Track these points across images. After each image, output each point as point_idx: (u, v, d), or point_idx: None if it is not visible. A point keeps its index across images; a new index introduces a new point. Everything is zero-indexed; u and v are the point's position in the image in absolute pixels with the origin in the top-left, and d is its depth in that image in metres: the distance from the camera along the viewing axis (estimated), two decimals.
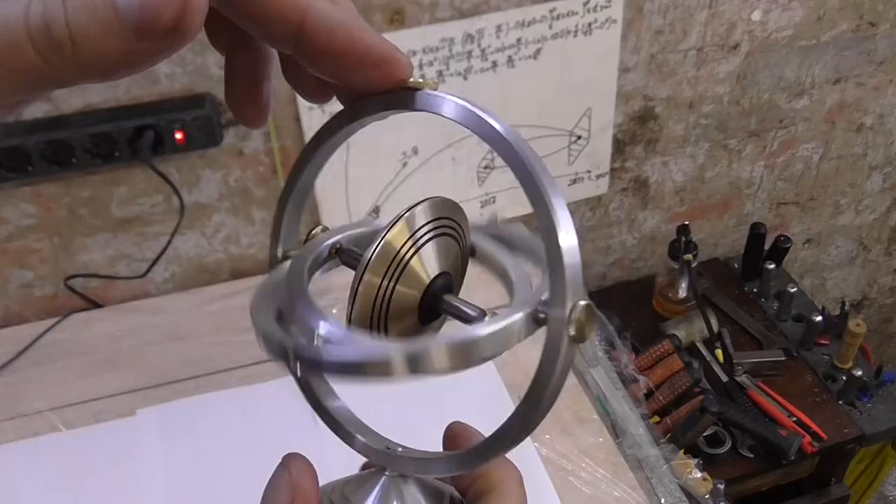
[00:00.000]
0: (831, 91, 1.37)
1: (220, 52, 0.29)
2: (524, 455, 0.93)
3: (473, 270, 0.33)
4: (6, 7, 0.20)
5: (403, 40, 1.04)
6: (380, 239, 0.28)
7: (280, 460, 0.30)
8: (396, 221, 0.29)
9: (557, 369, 0.25)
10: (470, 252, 0.33)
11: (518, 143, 0.26)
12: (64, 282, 1.11)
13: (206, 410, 0.98)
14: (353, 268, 0.30)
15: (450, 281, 0.31)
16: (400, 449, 0.31)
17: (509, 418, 0.27)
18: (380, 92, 0.27)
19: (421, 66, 1.07)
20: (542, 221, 0.25)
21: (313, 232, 0.33)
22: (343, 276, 0.32)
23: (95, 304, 1.15)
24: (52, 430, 0.96)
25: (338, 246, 0.32)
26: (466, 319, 0.29)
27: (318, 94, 0.29)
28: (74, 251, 1.11)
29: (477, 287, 0.36)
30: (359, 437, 0.31)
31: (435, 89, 0.27)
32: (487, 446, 0.28)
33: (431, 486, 0.32)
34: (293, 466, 0.29)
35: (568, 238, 0.25)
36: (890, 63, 1.37)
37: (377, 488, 0.30)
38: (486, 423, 0.29)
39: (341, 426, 0.32)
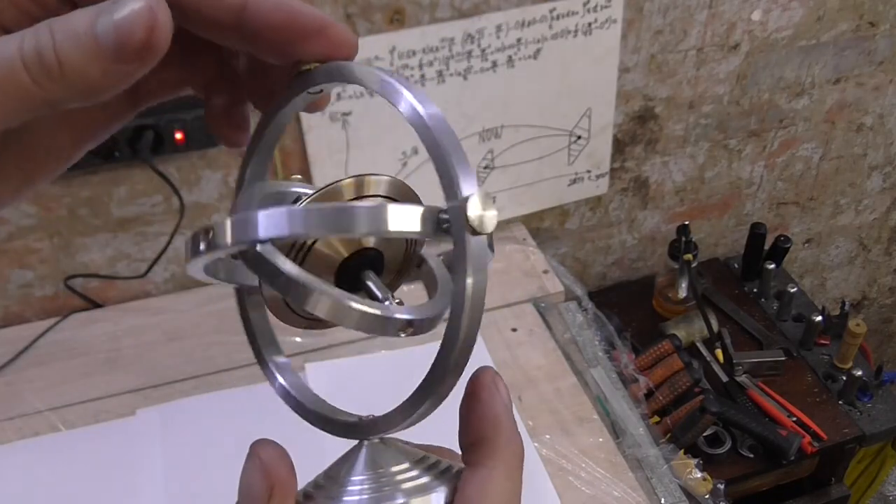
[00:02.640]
0: (831, 91, 1.37)
1: (198, 94, 0.33)
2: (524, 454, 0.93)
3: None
4: (1, 44, 0.23)
5: (403, 40, 1.04)
6: (332, 182, 0.28)
7: (248, 450, 0.28)
8: (356, 176, 0.28)
9: (469, 270, 0.24)
10: (417, 264, 0.32)
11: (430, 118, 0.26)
12: (64, 282, 1.11)
13: (206, 410, 0.98)
14: None
15: (381, 260, 0.30)
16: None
17: (438, 352, 0.25)
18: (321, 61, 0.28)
19: (421, 66, 1.07)
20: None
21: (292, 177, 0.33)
22: None
23: (95, 304, 1.15)
24: (52, 430, 0.96)
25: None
26: (374, 299, 0.29)
27: (234, 136, 0.33)
28: (74, 251, 1.11)
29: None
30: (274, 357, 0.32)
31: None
32: (430, 374, 0.26)
33: (412, 448, 0.30)
34: (263, 452, 0.28)
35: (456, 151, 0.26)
36: (890, 63, 1.37)
37: (361, 456, 0.29)
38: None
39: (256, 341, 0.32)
